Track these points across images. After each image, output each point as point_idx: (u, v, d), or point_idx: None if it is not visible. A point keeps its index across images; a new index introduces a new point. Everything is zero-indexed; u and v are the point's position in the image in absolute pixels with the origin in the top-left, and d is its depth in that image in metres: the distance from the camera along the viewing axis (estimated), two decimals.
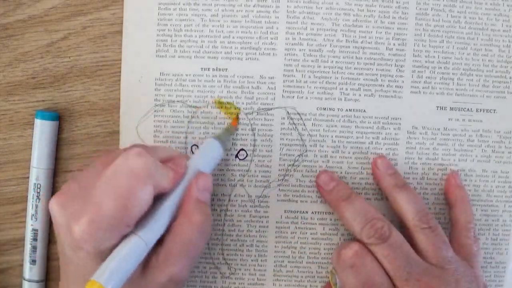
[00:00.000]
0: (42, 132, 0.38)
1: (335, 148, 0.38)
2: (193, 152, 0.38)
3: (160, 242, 0.31)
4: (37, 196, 0.38)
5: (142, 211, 0.29)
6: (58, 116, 0.38)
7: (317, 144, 0.38)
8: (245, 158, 0.38)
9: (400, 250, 0.33)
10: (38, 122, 0.38)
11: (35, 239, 0.38)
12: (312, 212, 0.38)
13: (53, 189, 0.39)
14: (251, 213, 0.38)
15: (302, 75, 0.38)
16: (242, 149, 0.38)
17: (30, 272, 0.38)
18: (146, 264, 0.31)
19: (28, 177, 0.38)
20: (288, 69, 0.38)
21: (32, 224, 0.38)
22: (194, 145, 0.38)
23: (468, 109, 0.38)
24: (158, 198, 0.31)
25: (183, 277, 0.31)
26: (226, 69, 0.38)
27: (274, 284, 0.39)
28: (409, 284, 0.32)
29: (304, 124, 0.38)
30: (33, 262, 0.38)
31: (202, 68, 0.38)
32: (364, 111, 0.38)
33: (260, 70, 0.38)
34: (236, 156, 0.38)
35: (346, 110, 0.38)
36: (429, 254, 0.33)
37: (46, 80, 0.38)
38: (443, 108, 0.38)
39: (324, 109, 0.38)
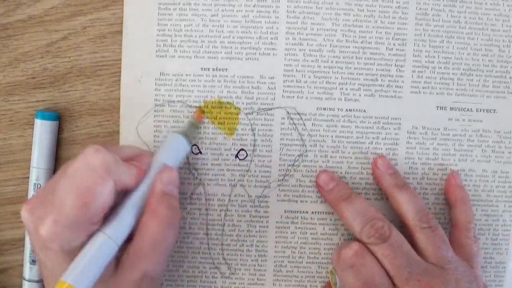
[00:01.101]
0: (42, 132, 0.38)
1: (335, 148, 0.38)
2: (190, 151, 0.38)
3: (130, 239, 0.31)
4: None
5: (105, 207, 0.29)
6: (58, 116, 0.38)
7: (317, 144, 0.38)
8: (245, 158, 0.38)
9: (400, 250, 0.33)
10: (38, 122, 0.38)
11: None
12: (312, 212, 0.38)
13: None
14: (251, 213, 0.38)
15: (302, 75, 0.38)
16: (242, 149, 0.38)
17: (30, 272, 0.38)
18: (118, 262, 0.31)
19: (28, 177, 0.38)
20: (288, 69, 0.38)
21: None
22: (194, 145, 0.38)
23: (468, 109, 0.38)
24: (125, 196, 0.31)
25: (157, 273, 0.31)
26: (226, 69, 0.38)
27: (274, 284, 0.39)
28: (409, 284, 0.32)
29: (304, 124, 0.38)
30: (33, 262, 0.38)
31: (202, 68, 0.38)
32: (364, 111, 0.38)
33: (260, 70, 0.38)
34: (236, 156, 0.38)
35: (346, 110, 0.38)
36: (429, 254, 0.33)
37: (46, 80, 0.38)
38: (443, 108, 0.38)
39: (324, 109, 0.38)
